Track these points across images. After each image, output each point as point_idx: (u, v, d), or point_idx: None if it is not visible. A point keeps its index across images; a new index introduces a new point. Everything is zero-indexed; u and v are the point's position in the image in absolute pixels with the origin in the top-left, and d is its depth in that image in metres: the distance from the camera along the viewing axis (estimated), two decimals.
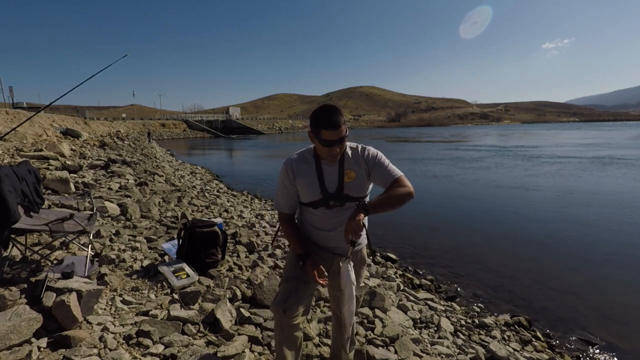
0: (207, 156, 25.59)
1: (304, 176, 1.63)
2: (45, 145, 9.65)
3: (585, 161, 17.26)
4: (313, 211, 1.67)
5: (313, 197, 1.63)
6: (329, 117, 1.47)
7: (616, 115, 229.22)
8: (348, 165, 1.62)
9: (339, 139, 1.50)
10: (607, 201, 9.03)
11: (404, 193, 1.52)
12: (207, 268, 3.17)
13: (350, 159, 1.63)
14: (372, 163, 1.61)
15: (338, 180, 1.61)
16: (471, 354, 2.80)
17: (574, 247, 5.83)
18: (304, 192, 1.65)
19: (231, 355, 2.03)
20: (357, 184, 1.62)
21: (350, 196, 1.62)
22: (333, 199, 1.61)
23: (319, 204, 1.63)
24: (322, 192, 1.61)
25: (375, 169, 1.61)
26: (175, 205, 6.10)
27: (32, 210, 2.73)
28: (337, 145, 1.51)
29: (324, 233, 1.70)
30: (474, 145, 30.86)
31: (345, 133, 1.51)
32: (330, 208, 1.63)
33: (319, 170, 1.62)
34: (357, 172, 1.62)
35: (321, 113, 1.50)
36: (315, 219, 1.70)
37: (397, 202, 1.51)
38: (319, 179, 1.62)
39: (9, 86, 37.16)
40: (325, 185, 1.61)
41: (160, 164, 14.34)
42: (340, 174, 1.61)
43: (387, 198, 1.51)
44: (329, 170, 1.62)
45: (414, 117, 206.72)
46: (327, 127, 1.47)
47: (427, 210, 8.47)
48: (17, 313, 1.82)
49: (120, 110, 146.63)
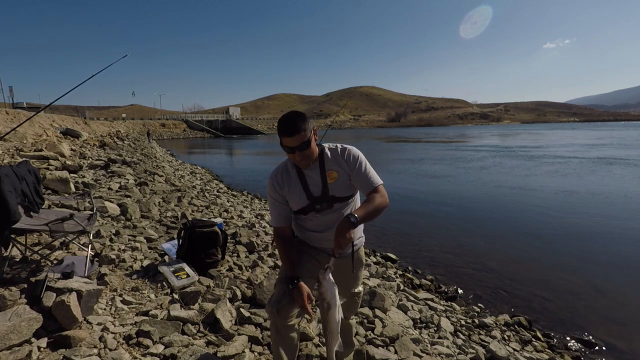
0: (207, 156, 25.60)
1: (289, 186, 1.64)
2: (45, 145, 9.65)
3: (586, 161, 17.27)
4: (304, 217, 1.69)
5: (301, 204, 1.64)
6: (287, 124, 1.47)
7: (616, 115, 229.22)
8: (329, 166, 1.62)
9: (299, 145, 1.48)
10: (607, 201, 9.03)
11: (384, 205, 1.53)
12: (207, 268, 3.17)
13: (330, 159, 1.63)
14: (352, 165, 1.60)
15: (322, 183, 1.61)
16: (471, 354, 2.80)
17: (574, 247, 5.83)
18: (291, 201, 1.66)
19: (231, 355, 2.03)
20: (340, 184, 1.62)
21: (336, 197, 1.63)
22: (320, 202, 1.62)
23: (307, 209, 1.64)
24: (308, 197, 1.62)
25: (356, 173, 1.60)
26: (175, 205, 6.10)
27: (32, 210, 2.73)
28: (298, 151, 1.50)
29: (317, 235, 1.71)
30: (474, 146, 30.87)
31: (306, 138, 1.48)
32: (319, 212, 1.64)
33: (301, 177, 1.63)
34: (338, 172, 1.62)
35: (282, 120, 1.50)
36: (308, 223, 1.71)
37: (377, 213, 1.51)
38: (303, 185, 1.62)
39: (9, 86, 37.19)
40: (310, 190, 1.62)
41: (160, 164, 14.34)
42: (323, 176, 1.61)
43: (373, 209, 1.49)
44: (311, 175, 1.63)
45: (414, 117, 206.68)
46: (284, 134, 1.48)
47: (427, 210, 8.47)
48: (17, 313, 1.82)
49: (120, 110, 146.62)
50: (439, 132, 76.28)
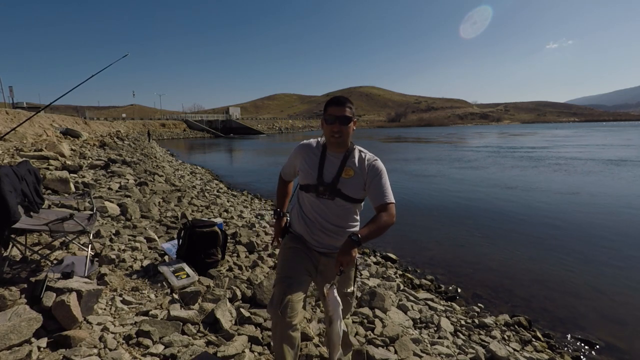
0: (207, 156, 25.59)
1: (309, 159, 1.74)
2: (45, 145, 9.64)
3: (587, 162, 17.26)
4: (305, 195, 1.76)
5: (308, 180, 1.71)
6: (339, 98, 1.65)
7: (616, 115, 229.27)
8: (350, 164, 1.68)
9: (342, 117, 1.60)
10: (607, 201, 9.03)
11: (388, 224, 1.55)
12: (207, 268, 3.17)
13: (356, 159, 1.69)
14: (372, 175, 1.66)
15: (336, 173, 1.67)
16: (471, 354, 2.80)
17: (574, 247, 5.83)
18: (303, 173, 1.75)
19: (231, 355, 2.03)
20: (352, 183, 1.66)
21: (342, 193, 1.67)
22: (325, 187, 1.67)
23: (311, 188, 1.71)
24: (317, 177, 1.68)
25: (373, 184, 1.65)
26: (175, 205, 6.10)
27: (32, 210, 2.73)
28: (339, 123, 1.60)
29: (307, 226, 1.75)
30: (474, 146, 30.86)
31: (349, 114, 1.61)
32: (319, 196, 1.69)
33: (322, 158, 1.72)
34: (356, 172, 1.67)
35: (334, 97, 1.67)
36: (305, 204, 1.78)
37: (382, 232, 1.54)
38: (320, 165, 1.70)
39: (9, 86, 37.19)
40: (324, 172, 1.69)
41: (160, 164, 14.34)
42: (341, 168, 1.67)
43: (377, 229, 1.52)
44: (332, 161, 1.70)
45: (414, 117, 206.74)
46: (334, 103, 1.63)
47: (427, 210, 8.47)
48: (17, 313, 1.82)
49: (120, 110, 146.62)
50: (439, 132, 76.27)
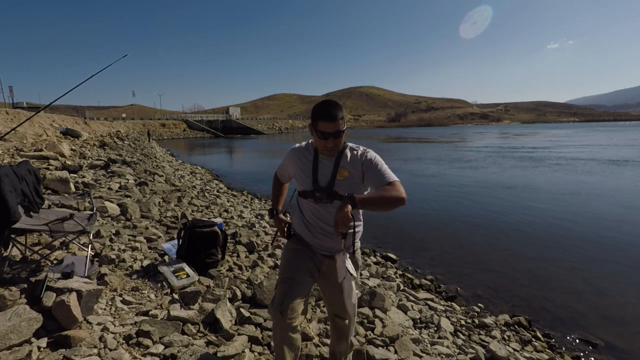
0: (207, 156, 25.58)
1: (301, 164, 1.71)
2: (45, 145, 9.64)
3: (588, 162, 17.26)
4: (303, 201, 1.75)
5: (304, 187, 1.70)
6: (327, 109, 1.52)
7: (616, 115, 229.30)
8: (344, 164, 1.65)
9: (335, 132, 1.53)
10: (607, 201, 9.03)
11: (395, 196, 1.45)
12: (207, 268, 3.17)
13: (348, 159, 1.66)
14: (367, 165, 1.62)
15: (331, 176, 1.64)
16: (471, 354, 2.80)
17: (574, 248, 5.83)
18: (297, 179, 1.74)
19: (231, 355, 2.03)
20: (348, 184, 1.64)
21: (339, 194, 1.63)
22: (321, 192, 1.65)
23: (308, 194, 1.69)
24: (313, 183, 1.67)
25: (370, 171, 1.61)
26: (175, 205, 6.10)
27: (32, 210, 2.73)
28: (332, 139, 1.54)
29: (309, 230, 1.74)
30: (474, 146, 30.85)
31: (342, 128, 1.54)
32: (317, 202, 1.68)
33: (315, 162, 1.68)
34: (350, 172, 1.64)
35: (321, 105, 1.55)
36: (305, 210, 1.76)
37: (386, 202, 1.46)
38: (314, 170, 1.67)
39: (9, 86, 37.23)
40: (318, 177, 1.66)
41: (160, 164, 14.33)
42: (335, 170, 1.65)
43: (377, 196, 1.47)
44: (325, 164, 1.67)
45: (414, 117, 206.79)
46: (324, 118, 1.51)
47: (427, 210, 8.47)
48: (17, 313, 1.82)
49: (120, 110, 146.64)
50: (439, 132, 76.23)
